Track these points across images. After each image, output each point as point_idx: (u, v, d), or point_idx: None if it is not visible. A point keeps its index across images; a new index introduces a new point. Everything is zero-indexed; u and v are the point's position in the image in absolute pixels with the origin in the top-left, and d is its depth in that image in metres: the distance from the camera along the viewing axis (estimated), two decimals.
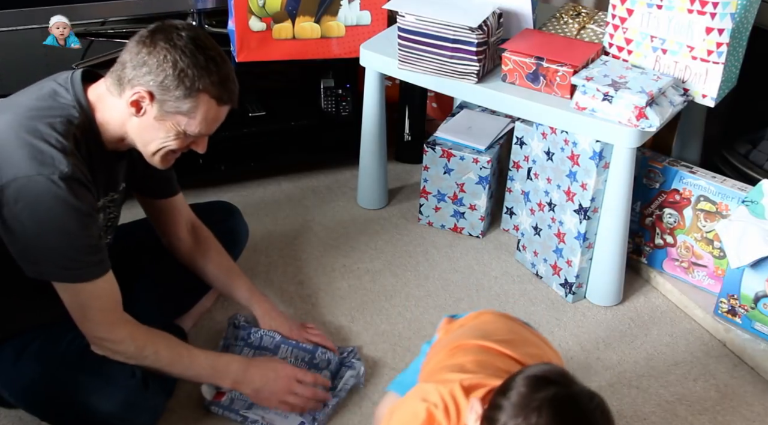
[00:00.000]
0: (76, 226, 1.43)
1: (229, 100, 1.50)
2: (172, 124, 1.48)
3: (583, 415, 1.10)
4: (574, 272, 2.07)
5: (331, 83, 2.59)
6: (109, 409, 1.53)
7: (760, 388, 1.88)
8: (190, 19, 2.45)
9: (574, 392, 1.12)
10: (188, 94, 1.44)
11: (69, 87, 1.50)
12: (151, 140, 1.51)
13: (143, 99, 1.45)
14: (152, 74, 1.43)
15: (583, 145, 1.94)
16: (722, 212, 1.99)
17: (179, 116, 1.47)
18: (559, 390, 1.11)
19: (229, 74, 1.49)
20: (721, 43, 1.84)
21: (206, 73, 1.44)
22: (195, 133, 1.50)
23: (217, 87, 1.46)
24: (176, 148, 1.53)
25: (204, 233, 1.87)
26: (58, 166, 1.40)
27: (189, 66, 1.43)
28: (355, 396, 1.80)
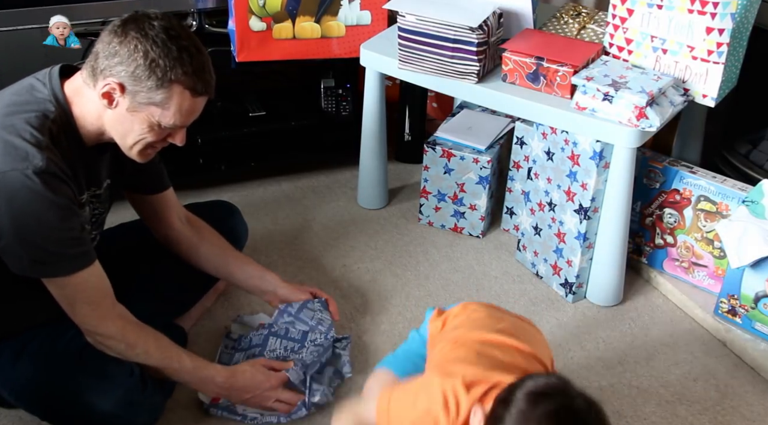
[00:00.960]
0: (54, 219, 1.41)
1: (204, 90, 1.47)
2: (146, 115, 1.45)
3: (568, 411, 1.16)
4: (574, 272, 2.07)
5: (331, 83, 2.59)
6: (108, 408, 1.53)
7: (760, 388, 1.88)
8: (191, 19, 2.45)
9: (571, 406, 1.16)
10: (160, 84, 1.41)
11: (46, 81, 1.48)
12: (127, 132, 1.49)
13: (114, 91, 1.43)
14: (123, 65, 1.41)
15: (584, 145, 1.94)
16: (722, 212, 1.99)
17: (152, 107, 1.44)
18: (557, 405, 1.15)
19: (204, 64, 1.46)
20: (722, 43, 1.84)
21: (179, 64, 1.41)
22: (170, 124, 1.47)
23: (191, 77, 1.43)
24: (153, 141, 1.50)
25: (198, 222, 1.86)
26: (32, 160, 1.38)
27: (160, 56, 1.40)
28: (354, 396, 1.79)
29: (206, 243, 1.84)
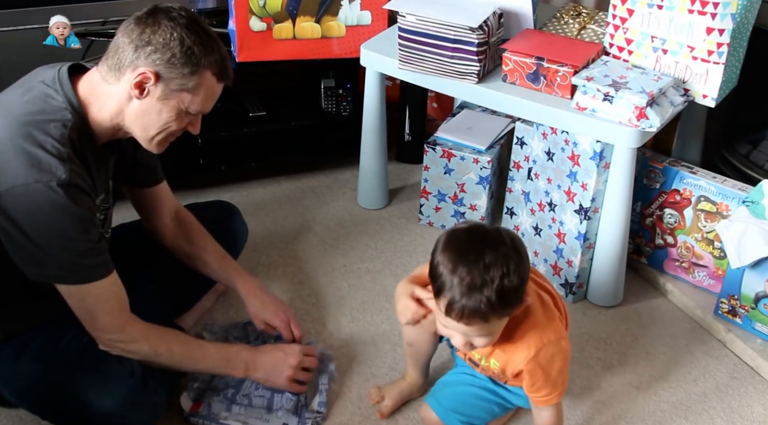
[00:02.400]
0: (76, 231, 1.43)
1: (227, 77, 1.53)
2: (176, 103, 1.48)
3: (469, 232, 1.40)
4: (574, 272, 2.07)
5: (331, 83, 2.58)
6: (109, 407, 1.53)
7: (760, 389, 1.88)
8: None
9: (470, 227, 1.42)
10: (195, 71, 1.45)
11: (58, 88, 1.48)
12: (152, 123, 1.50)
13: (148, 80, 1.44)
14: (158, 53, 1.43)
15: (584, 145, 1.94)
16: (723, 212, 1.99)
17: (184, 94, 1.47)
18: (458, 227, 1.44)
19: (227, 53, 1.52)
20: (722, 43, 1.84)
21: (209, 51, 1.46)
22: (196, 110, 1.51)
23: (219, 64, 1.49)
24: (176, 129, 1.53)
25: (188, 218, 1.86)
26: (56, 173, 1.39)
27: (195, 43, 1.44)
28: (355, 397, 1.80)
29: (193, 246, 1.84)
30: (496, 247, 1.36)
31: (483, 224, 1.44)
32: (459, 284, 1.34)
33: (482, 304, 1.33)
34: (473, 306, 1.34)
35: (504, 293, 1.34)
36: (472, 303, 1.34)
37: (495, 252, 1.35)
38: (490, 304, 1.34)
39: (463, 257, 1.35)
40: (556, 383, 1.51)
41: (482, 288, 1.33)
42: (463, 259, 1.35)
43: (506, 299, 1.36)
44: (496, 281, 1.33)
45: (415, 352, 1.72)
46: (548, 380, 1.49)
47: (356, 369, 1.87)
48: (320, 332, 1.98)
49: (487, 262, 1.34)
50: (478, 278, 1.33)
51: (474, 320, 1.36)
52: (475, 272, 1.33)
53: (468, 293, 1.34)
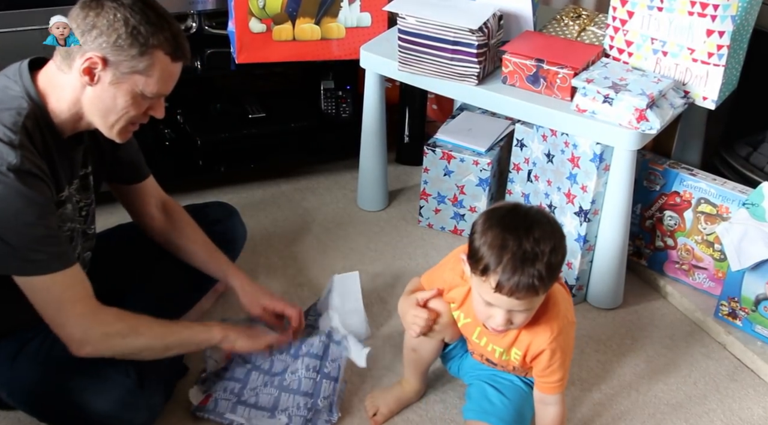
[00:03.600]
0: (32, 216, 1.40)
1: (182, 55, 1.48)
2: (130, 86, 1.44)
3: (513, 211, 1.44)
4: (574, 274, 2.07)
5: (331, 85, 2.59)
6: (106, 409, 1.52)
7: (760, 391, 1.87)
8: (191, 21, 2.45)
9: (511, 206, 1.46)
10: (143, 51, 1.41)
11: (17, 79, 1.46)
12: (109, 110, 1.47)
13: (96, 65, 1.41)
14: (104, 36, 1.39)
15: (584, 147, 1.94)
16: (723, 214, 1.99)
17: (136, 76, 1.43)
18: (500, 206, 1.47)
19: (180, 30, 1.47)
20: (722, 45, 1.84)
21: (159, 29, 1.41)
22: (153, 93, 1.46)
23: (171, 42, 1.44)
24: (135, 114, 1.49)
25: (176, 210, 1.85)
26: (6, 158, 1.37)
27: (141, 23, 1.40)
28: (354, 399, 1.79)
29: (183, 238, 1.83)
30: (541, 223, 1.40)
31: (522, 204, 1.47)
32: (512, 259, 1.36)
33: (534, 277, 1.37)
34: (527, 280, 1.37)
35: (552, 266, 1.39)
36: (525, 277, 1.37)
37: (541, 228, 1.39)
38: (541, 277, 1.37)
39: (513, 232, 1.38)
40: (566, 368, 1.55)
41: (534, 261, 1.36)
42: (513, 234, 1.38)
43: (554, 272, 1.40)
44: (546, 254, 1.37)
45: (417, 358, 1.72)
46: (564, 363, 1.53)
47: (355, 370, 1.86)
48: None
49: (537, 236, 1.38)
50: (530, 251, 1.37)
51: (525, 293, 1.39)
52: (527, 246, 1.37)
53: (521, 266, 1.36)
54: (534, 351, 1.53)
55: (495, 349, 1.59)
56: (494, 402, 1.65)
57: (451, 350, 1.73)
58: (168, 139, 2.46)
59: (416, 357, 1.72)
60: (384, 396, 1.76)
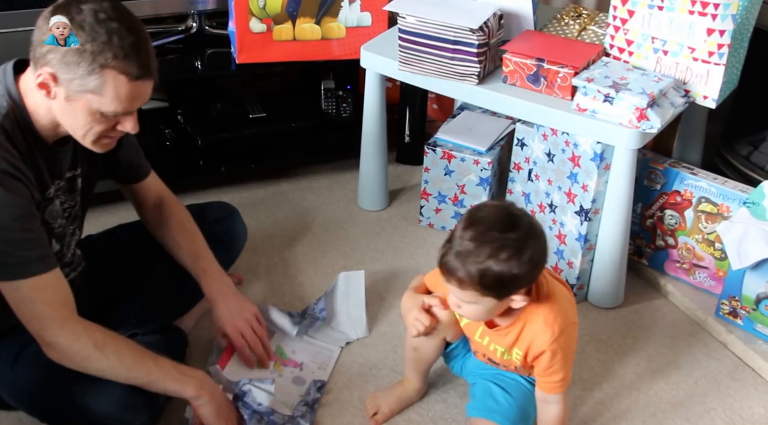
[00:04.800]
0: (8, 217, 1.37)
1: (142, 74, 1.39)
2: (83, 104, 1.40)
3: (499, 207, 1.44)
4: (575, 273, 2.07)
5: (331, 85, 2.59)
6: (107, 410, 1.52)
7: (761, 390, 1.87)
8: (191, 21, 2.45)
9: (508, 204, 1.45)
10: (91, 70, 1.35)
11: (1, 79, 1.45)
12: (73, 124, 1.44)
13: (48, 81, 1.38)
14: (53, 52, 1.35)
15: (584, 146, 1.94)
16: (723, 213, 1.99)
17: (88, 95, 1.38)
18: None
19: (139, 46, 1.38)
20: (723, 44, 1.84)
21: (107, 48, 1.35)
22: (110, 112, 1.41)
23: (123, 61, 1.36)
24: (102, 129, 1.45)
25: (169, 208, 1.81)
26: None
27: (87, 41, 1.34)
28: (355, 399, 1.79)
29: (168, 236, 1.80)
30: (508, 230, 1.38)
31: (515, 209, 1.43)
32: (458, 244, 1.38)
33: (460, 271, 1.38)
34: (453, 266, 1.38)
35: (485, 273, 1.37)
36: (453, 263, 1.38)
37: (503, 235, 1.37)
38: (469, 276, 1.37)
39: (477, 224, 1.39)
40: (568, 368, 1.54)
41: (467, 257, 1.37)
42: (475, 225, 1.38)
43: (486, 279, 1.38)
44: (482, 258, 1.36)
45: (418, 357, 1.72)
46: (565, 363, 1.52)
47: (356, 370, 1.87)
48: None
49: (488, 238, 1.37)
50: (472, 246, 1.37)
51: (458, 283, 1.40)
52: (473, 241, 1.37)
53: (457, 254, 1.38)
54: (535, 352, 1.53)
55: (497, 349, 1.59)
56: (499, 400, 1.65)
57: (453, 349, 1.73)
58: (168, 139, 2.46)
59: (418, 356, 1.72)
60: (385, 395, 1.76)
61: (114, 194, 1.93)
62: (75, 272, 1.70)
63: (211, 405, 1.56)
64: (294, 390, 1.77)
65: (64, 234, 1.61)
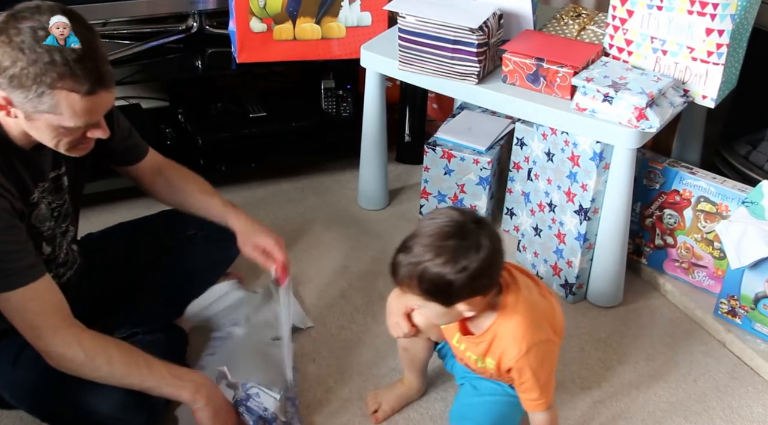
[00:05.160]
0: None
1: (93, 88, 1.35)
2: (44, 122, 1.38)
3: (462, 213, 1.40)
4: (574, 273, 2.07)
5: (331, 84, 2.59)
6: (107, 410, 1.52)
7: (760, 389, 1.88)
8: (191, 21, 2.45)
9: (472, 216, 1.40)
10: (41, 93, 1.32)
11: None
12: (43, 137, 1.42)
13: (3, 103, 1.36)
14: (2, 76, 1.32)
15: (584, 146, 1.94)
16: (722, 212, 1.99)
17: (46, 115, 1.36)
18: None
19: (85, 59, 1.33)
20: (721, 44, 1.84)
21: (51, 68, 1.30)
22: (73, 126, 1.38)
23: (70, 80, 1.32)
24: (72, 140, 1.43)
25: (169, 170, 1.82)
26: None
27: (29, 64, 1.30)
28: (355, 398, 1.80)
29: (180, 191, 1.82)
30: (451, 238, 1.36)
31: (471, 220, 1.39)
32: (403, 246, 1.39)
33: (400, 272, 1.39)
34: (395, 267, 1.40)
35: (421, 276, 1.36)
36: (395, 264, 1.40)
37: (444, 241, 1.36)
38: (408, 278, 1.37)
39: (425, 229, 1.38)
40: (544, 389, 1.49)
41: (408, 259, 1.37)
42: (422, 230, 1.38)
43: (423, 283, 1.37)
44: (420, 261, 1.36)
45: (410, 357, 1.73)
46: (537, 383, 1.48)
47: (357, 369, 1.87)
48: (321, 333, 1.98)
49: (428, 242, 1.36)
50: (414, 249, 1.37)
51: (396, 280, 1.42)
52: (417, 245, 1.37)
53: (400, 256, 1.39)
54: (505, 366, 1.50)
55: (471, 356, 1.57)
56: (475, 406, 1.63)
57: (443, 347, 1.72)
58: (169, 138, 2.46)
59: (409, 356, 1.72)
60: (386, 393, 1.77)
61: (114, 193, 1.94)
62: (71, 271, 1.70)
63: (207, 409, 1.53)
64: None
65: (54, 236, 1.61)
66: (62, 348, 1.46)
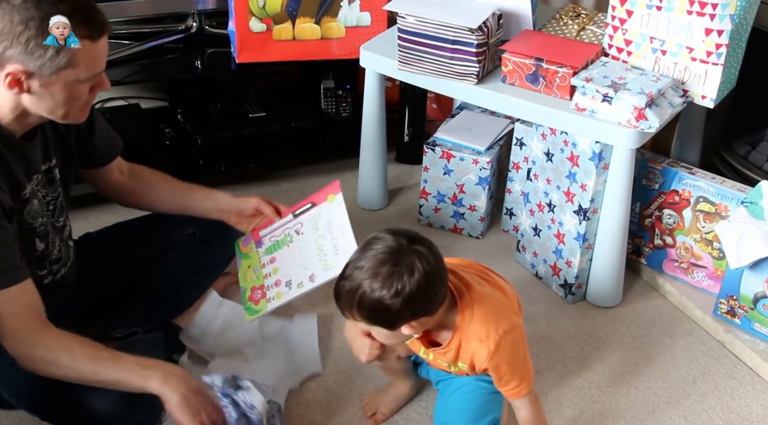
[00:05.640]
0: None
1: (100, 33, 1.40)
2: (62, 82, 1.40)
3: (408, 237, 1.40)
4: (573, 273, 2.08)
5: (331, 84, 2.59)
6: (107, 407, 1.52)
7: (759, 389, 1.88)
8: (191, 21, 2.45)
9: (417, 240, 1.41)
10: (58, 49, 1.35)
11: None
12: (53, 105, 1.44)
13: (18, 76, 1.37)
14: (12, 47, 1.34)
15: (583, 146, 1.95)
16: (721, 213, 1.99)
17: (63, 72, 1.39)
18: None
19: (85, 4, 1.38)
20: (721, 44, 1.84)
21: (60, 15, 1.34)
22: (87, 77, 1.43)
23: (84, 25, 1.36)
24: (81, 97, 1.46)
25: (142, 170, 1.85)
26: None
27: (44, 17, 1.32)
28: (355, 398, 1.80)
29: (153, 187, 1.83)
30: (385, 264, 1.36)
31: (406, 244, 1.38)
32: (344, 273, 1.40)
33: (341, 299, 1.39)
34: (336, 294, 1.40)
35: (360, 303, 1.37)
36: (337, 291, 1.40)
37: (379, 268, 1.36)
38: (348, 305, 1.38)
39: (364, 254, 1.38)
40: (523, 372, 1.50)
41: (347, 286, 1.38)
42: (360, 256, 1.39)
43: (362, 309, 1.37)
44: (360, 286, 1.36)
45: (388, 370, 1.73)
46: (514, 371, 1.49)
47: (356, 369, 1.87)
48: (320, 333, 1.98)
49: (372, 270, 1.36)
50: (353, 272, 1.37)
51: (339, 307, 1.42)
52: (356, 270, 1.37)
53: (340, 283, 1.40)
54: (479, 367, 1.50)
55: (441, 363, 1.56)
56: (452, 409, 1.62)
57: (415, 357, 1.70)
58: (168, 138, 2.46)
59: (387, 370, 1.73)
60: (381, 396, 1.77)
61: None
62: (65, 269, 1.70)
63: (175, 395, 1.45)
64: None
65: (47, 232, 1.61)
66: (31, 349, 1.44)
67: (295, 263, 1.83)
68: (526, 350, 1.52)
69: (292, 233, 1.90)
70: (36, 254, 1.58)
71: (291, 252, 1.86)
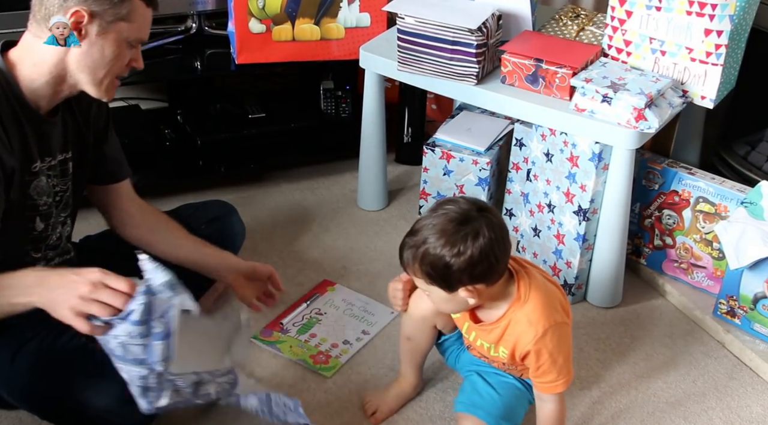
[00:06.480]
0: None
1: (154, 1, 1.53)
2: (115, 35, 1.47)
3: (471, 203, 1.45)
4: (573, 273, 2.08)
5: (330, 85, 2.59)
6: (106, 406, 1.53)
7: (759, 389, 1.88)
8: (191, 21, 2.46)
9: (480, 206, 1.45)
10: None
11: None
12: (98, 63, 1.48)
13: (82, 18, 1.42)
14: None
15: (583, 146, 1.95)
16: (721, 213, 1.99)
17: (120, 23, 1.46)
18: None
19: None
20: (720, 44, 1.85)
21: None
22: (136, 39, 1.50)
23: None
24: (120, 66, 1.51)
25: (156, 211, 1.84)
26: None
27: None
28: (355, 398, 1.80)
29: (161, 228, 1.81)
30: (454, 223, 1.41)
31: (476, 209, 1.44)
32: (411, 229, 1.46)
33: (404, 253, 1.45)
34: (402, 248, 1.47)
35: (423, 258, 1.42)
36: (402, 246, 1.46)
37: (446, 226, 1.41)
38: (412, 258, 1.44)
39: (433, 213, 1.44)
40: (562, 369, 1.52)
41: (412, 241, 1.44)
42: (430, 215, 1.44)
43: (423, 265, 1.43)
44: (422, 243, 1.42)
45: (413, 347, 1.73)
46: (554, 364, 1.51)
47: (355, 369, 1.87)
48: None
49: (438, 228, 1.41)
50: (419, 232, 1.43)
51: (401, 262, 1.48)
52: (423, 228, 1.43)
53: (407, 238, 1.46)
54: (521, 351, 1.52)
55: (483, 344, 1.60)
56: (484, 395, 1.65)
57: (446, 339, 1.74)
58: (168, 139, 2.46)
59: (411, 347, 1.72)
60: (382, 394, 1.77)
61: None
62: (60, 259, 1.69)
63: (43, 299, 1.35)
64: None
65: (50, 214, 1.61)
66: None
67: (338, 330, 1.97)
68: (570, 350, 1.55)
69: (315, 316, 2.02)
70: (34, 234, 1.58)
71: (327, 326, 1.98)
